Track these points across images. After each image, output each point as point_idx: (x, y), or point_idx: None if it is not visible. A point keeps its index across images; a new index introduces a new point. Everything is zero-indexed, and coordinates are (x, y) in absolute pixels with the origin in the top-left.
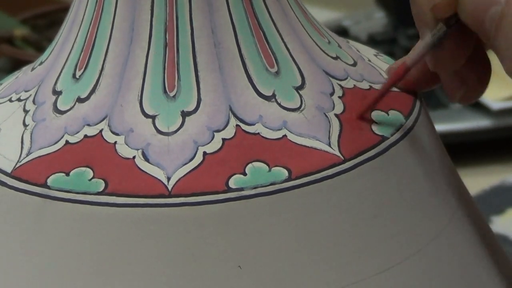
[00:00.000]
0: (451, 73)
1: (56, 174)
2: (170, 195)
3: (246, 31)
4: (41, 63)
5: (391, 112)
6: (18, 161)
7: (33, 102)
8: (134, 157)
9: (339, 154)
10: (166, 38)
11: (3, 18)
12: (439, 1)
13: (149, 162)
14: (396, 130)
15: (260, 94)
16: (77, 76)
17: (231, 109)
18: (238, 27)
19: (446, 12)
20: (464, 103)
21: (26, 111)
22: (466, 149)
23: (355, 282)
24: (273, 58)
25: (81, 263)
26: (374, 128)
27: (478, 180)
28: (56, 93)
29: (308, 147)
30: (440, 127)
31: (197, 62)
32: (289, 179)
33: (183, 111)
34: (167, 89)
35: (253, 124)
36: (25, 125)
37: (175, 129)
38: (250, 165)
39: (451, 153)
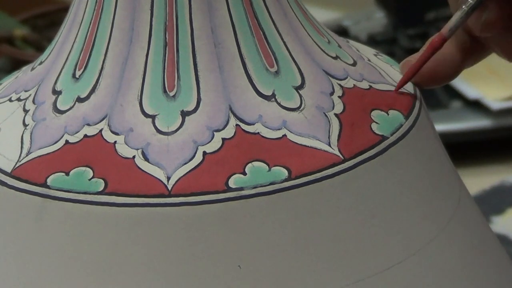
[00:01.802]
0: (503, 34)
1: (56, 173)
2: (170, 195)
3: (246, 31)
4: (41, 62)
5: (391, 112)
6: (18, 161)
7: (33, 101)
8: (134, 156)
9: (338, 154)
10: (166, 38)
11: (3, 18)
12: None
13: (149, 162)
14: (396, 130)
15: (260, 94)
16: (77, 76)
17: (231, 109)
18: (238, 27)
19: None
20: None
21: (26, 111)
22: (466, 149)
23: (355, 282)
24: (273, 58)
25: (80, 262)
26: (374, 127)
27: (478, 180)
28: (56, 92)
29: (308, 146)
30: (440, 127)
31: (197, 62)
32: (289, 178)
33: (183, 110)
34: (167, 89)
35: (253, 124)
36: (25, 124)
37: (174, 128)
38: (250, 164)
39: (451, 153)
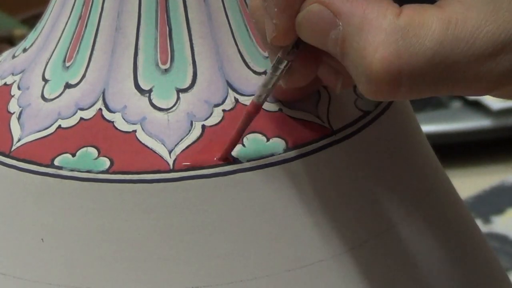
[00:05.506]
0: (325, 69)
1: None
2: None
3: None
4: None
5: None
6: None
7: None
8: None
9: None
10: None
11: (3, 18)
12: (275, 34)
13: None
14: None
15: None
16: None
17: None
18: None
19: (285, 41)
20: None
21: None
22: (466, 149)
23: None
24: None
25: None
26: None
27: (478, 180)
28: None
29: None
30: (440, 127)
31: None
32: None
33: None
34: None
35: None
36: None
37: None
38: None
39: (452, 153)
